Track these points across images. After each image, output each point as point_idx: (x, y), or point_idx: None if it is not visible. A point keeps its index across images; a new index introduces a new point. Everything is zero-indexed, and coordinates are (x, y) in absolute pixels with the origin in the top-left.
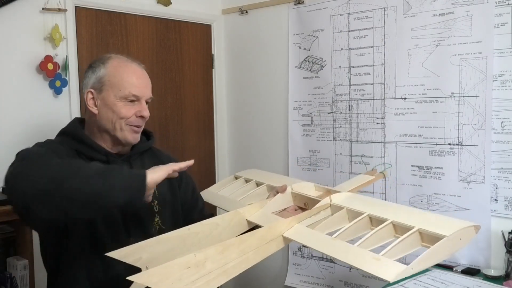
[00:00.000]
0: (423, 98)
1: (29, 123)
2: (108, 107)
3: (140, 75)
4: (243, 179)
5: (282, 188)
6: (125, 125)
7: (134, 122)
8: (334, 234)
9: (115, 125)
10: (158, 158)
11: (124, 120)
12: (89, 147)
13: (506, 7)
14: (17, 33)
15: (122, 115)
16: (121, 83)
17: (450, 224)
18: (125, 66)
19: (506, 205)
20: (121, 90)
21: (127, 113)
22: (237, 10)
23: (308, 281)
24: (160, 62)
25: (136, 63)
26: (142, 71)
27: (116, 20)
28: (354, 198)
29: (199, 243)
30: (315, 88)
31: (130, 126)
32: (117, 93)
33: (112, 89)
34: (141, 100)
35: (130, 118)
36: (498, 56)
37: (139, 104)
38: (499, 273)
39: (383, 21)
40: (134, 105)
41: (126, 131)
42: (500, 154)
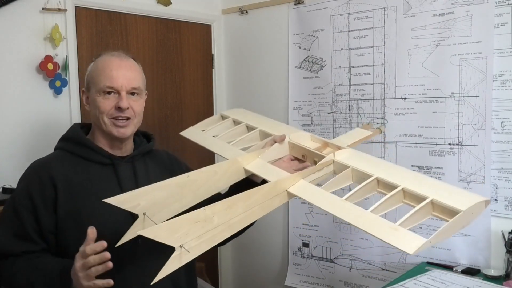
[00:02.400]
0: (423, 98)
1: (29, 123)
2: (93, 103)
3: (117, 66)
4: (231, 120)
5: (280, 138)
6: (107, 119)
7: (114, 114)
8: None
9: (100, 120)
10: (157, 158)
11: (105, 114)
12: (92, 151)
13: (506, 7)
14: (17, 33)
15: (101, 109)
16: (98, 77)
17: (462, 197)
18: (104, 60)
19: (506, 205)
20: (98, 85)
21: (105, 106)
22: (237, 10)
23: (308, 281)
24: (160, 62)
25: (118, 56)
26: (121, 62)
27: (116, 20)
28: (358, 157)
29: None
30: (315, 88)
31: (111, 120)
32: (96, 87)
33: (94, 85)
34: (120, 91)
35: (110, 111)
36: (498, 56)
37: (119, 96)
38: (499, 273)
39: (383, 21)
40: (114, 98)
41: (109, 125)
42: (500, 154)
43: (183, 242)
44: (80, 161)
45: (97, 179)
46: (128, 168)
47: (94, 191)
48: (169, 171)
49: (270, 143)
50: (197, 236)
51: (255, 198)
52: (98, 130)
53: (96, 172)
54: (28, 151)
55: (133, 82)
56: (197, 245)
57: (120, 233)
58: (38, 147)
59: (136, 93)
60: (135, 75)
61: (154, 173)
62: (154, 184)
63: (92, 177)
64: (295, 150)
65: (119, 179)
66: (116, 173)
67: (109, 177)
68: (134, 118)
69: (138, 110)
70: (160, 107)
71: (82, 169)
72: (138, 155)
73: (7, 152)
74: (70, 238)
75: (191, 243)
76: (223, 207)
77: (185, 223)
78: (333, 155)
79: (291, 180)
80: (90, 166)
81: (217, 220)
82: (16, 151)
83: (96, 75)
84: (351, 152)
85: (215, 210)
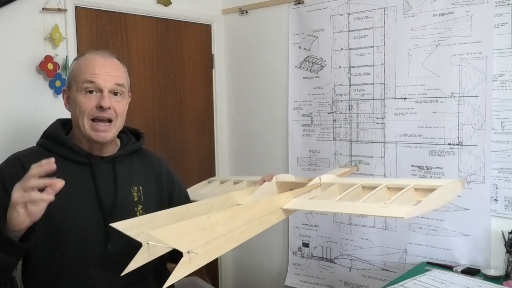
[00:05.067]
0: (423, 98)
1: (29, 123)
2: (73, 103)
3: (101, 64)
4: (219, 180)
5: (269, 177)
6: (87, 120)
7: (95, 114)
8: None
9: (79, 122)
10: (148, 159)
11: (86, 115)
12: (69, 150)
13: (506, 7)
14: (17, 33)
15: (82, 108)
16: (80, 74)
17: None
18: (87, 58)
19: (506, 205)
20: (79, 82)
21: (86, 106)
22: (237, 10)
23: (308, 281)
24: (160, 62)
25: (101, 55)
26: (105, 61)
27: (116, 20)
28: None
29: None
30: (315, 88)
31: (91, 123)
32: (77, 85)
33: (75, 83)
34: (103, 90)
35: (91, 110)
36: (498, 56)
37: (101, 95)
38: (499, 273)
39: (383, 21)
40: (95, 97)
41: (88, 128)
42: (500, 154)
43: (191, 248)
44: (58, 159)
45: (72, 178)
46: (107, 169)
47: (67, 190)
48: (156, 175)
49: (260, 183)
50: (203, 244)
51: (254, 211)
52: (78, 130)
53: (72, 171)
54: None
55: (116, 79)
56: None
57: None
58: None
59: (119, 93)
60: (119, 73)
61: (138, 174)
62: (157, 213)
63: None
64: (283, 188)
65: (95, 180)
66: (93, 173)
67: (85, 177)
68: (116, 120)
69: (121, 111)
70: (160, 107)
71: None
72: (121, 155)
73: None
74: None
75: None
76: (226, 216)
77: (191, 229)
78: (319, 178)
79: (284, 198)
80: (67, 165)
81: (220, 229)
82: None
83: (77, 73)
84: (335, 177)
85: (218, 218)
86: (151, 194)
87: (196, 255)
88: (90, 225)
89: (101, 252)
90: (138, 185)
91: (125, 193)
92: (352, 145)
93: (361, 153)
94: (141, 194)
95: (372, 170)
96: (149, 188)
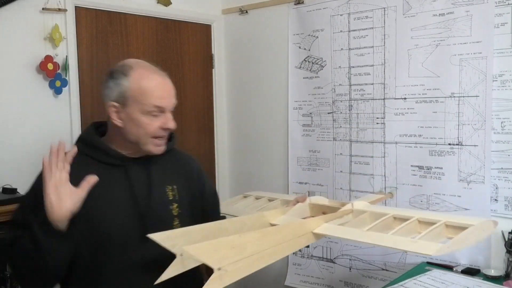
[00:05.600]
0: (423, 98)
1: (29, 123)
2: (133, 122)
3: (163, 86)
4: (253, 196)
5: (302, 198)
6: (149, 138)
7: (159, 133)
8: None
9: (140, 140)
10: (179, 158)
11: (150, 135)
12: (103, 153)
13: (506, 7)
14: (17, 33)
15: (149, 130)
16: (145, 97)
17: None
18: (147, 78)
19: (506, 205)
20: (145, 105)
21: (152, 128)
22: (237, 10)
23: (308, 281)
24: (160, 62)
25: (158, 73)
26: (164, 80)
27: (116, 20)
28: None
29: None
30: (315, 88)
31: (153, 139)
32: (141, 107)
33: (137, 104)
34: (165, 111)
35: (156, 131)
36: (498, 56)
37: (163, 115)
38: (499, 273)
39: (383, 21)
40: (159, 118)
41: (150, 144)
42: (500, 154)
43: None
44: (93, 162)
45: (108, 181)
46: (141, 169)
47: (105, 193)
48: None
49: (293, 203)
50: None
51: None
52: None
53: (107, 174)
54: (28, 151)
55: (174, 99)
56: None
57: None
58: (38, 147)
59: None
60: (174, 93)
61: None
62: (192, 227)
63: (103, 179)
64: (316, 210)
65: (130, 182)
66: (128, 176)
67: (120, 179)
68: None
69: None
70: None
71: (94, 170)
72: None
73: (7, 152)
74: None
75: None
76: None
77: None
78: (351, 205)
79: (315, 223)
80: (102, 168)
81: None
82: (16, 151)
83: (141, 95)
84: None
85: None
86: (185, 192)
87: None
88: (128, 225)
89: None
90: (172, 184)
91: (160, 193)
92: (352, 145)
93: (361, 153)
94: (175, 193)
95: (372, 170)
96: (183, 186)
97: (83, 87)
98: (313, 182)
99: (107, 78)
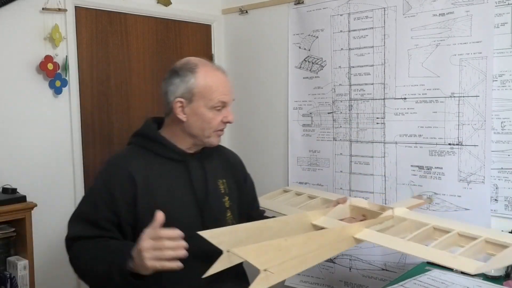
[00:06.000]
0: (423, 98)
1: (29, 123)
2: (198, 116)
3: (225, 82)
4: (294, 192)
5: (343, 200)
6: (213, 132)
7: (221, 127)
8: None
9: (205, 133)
10: (224, 153)
11: (214, 128)
12: (164, 147)
13: (506, 7)
14: (17, 33)
15: (213, 124)
16: (211, 93)
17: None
18: (212, 75)
19: (506, 205)
20: (211, 100)
21: (216, 122)
22: (237, 10)
23: (308, 281)
24: (160, 62)
25: (220, 70)
26: (225, 77)
27: (116, 20)
28: (414, 214)
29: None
30: (315, 88)
31: (216, 132)
32: (207, 103)
33: (203, 99)
34: (227, 105)
35: (218, 124)
36: (498, 56)
37: (225, 109)
38: (499, 273)
39: (383, 21)
40: (221, 112)
41: (213, 137)
42: (500, 154)
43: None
44: (154, 157)
45: (170, 175)
46: (197, 164)
47: (168, 187)
48: (232, 166)
49: (334, 204)
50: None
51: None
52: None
53: (169, 168)
54: (28, 151)
55: (233, 95)
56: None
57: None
58: (38, 147)
59: None
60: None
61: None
62: (238, 225)
63: (165, 173)
64: (355, 212)
65: (190, 176)
66: (188, 170)
67: (182, 174)
68: None
69: None
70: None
71: (156, 165)
72: (206, 152)
73: (7, 152)
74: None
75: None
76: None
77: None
78: (392, 211)
79: (356, 228)
80: (163, 162)
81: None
82: (16, 151)
83: (207, 91)
84: (407, 211)
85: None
86: (233, 185)
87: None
88: (190, 220)
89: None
90: (223, 178)
91: (214, 186)
92: (352, 145)
93: (361, 153)
94: (226, 187)
95: (372, 170)
96: (230, 180)
97: (83, 87)
98: (313, 182)
99: (171, 76)
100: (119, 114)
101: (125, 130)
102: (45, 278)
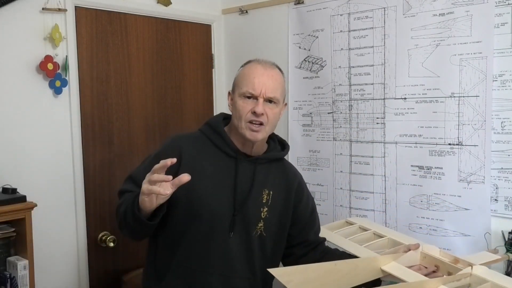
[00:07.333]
0: (423, 98)
1: (29, 123)
2: (234, 106)
3: (260, 74)
4: (358, 226)
5: (415, 246)
6: (245, 122)
7: (250, 117)
8: None
9: (238, 123)
10: (285, 169)
11: (243, 118)
12: (223, 141)
13: (506, 7)
14: (17, 33)
15: (240, 113)
16: (242, 81)
17: None
18: (250, 67)
19: (506, 205)
20: (241, 88)
21: (243, 109)
22: (237, 10)
23: None
24: (160, 62)
25: (263, 65)
26: (265, 71)
27: (116, 20)
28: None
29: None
30: (315, 88)
31: (248, 124)
32: (239, 91)
33: (237, 88)
34: (258, 98)
35: (247, 114)
36: (498, 56)
37: (256, 101)
38: None
39: (383, 21)
40: (252, 103)
41: (246, 129)
42: (500, 154)
43: None
44: (211, 146)
45: (218, 166)
46: (249, 167)
47: (211, 175)
48: (287, 184)
49: (404, 250)
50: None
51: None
52: (235, 128)
53: (219, 160)
54: (28, 151)
55: (270, 92)
56: None
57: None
58: (38, 147)
59: (273, 102)
60: (275, 85)
61: (273, 180)
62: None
63: (214, 163)
64: (427, 260)
65: (236, 174)
66: (236, 168)
67: (229, 168)
68: (266, 124)
69: (272, 118)
70: (160, 107)
71: (209, 153)
72: (264, 159)
73: (6, 152)
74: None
75: None
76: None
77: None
78: (471, 268)
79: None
80: (217, 153)
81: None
82: (16, 151)
83: (240, 80)
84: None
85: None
86: (279, 200)
87: None
88: (222, 211)
89: (225, 237)
90: (270, 189)
91: (257, 193)
92: (352, 145)
93: (361, 153)
94: (269, 198)
95: (372, 170)
96: (279, 194)
97: (83, 87)
98: (313, 182)
99: None
100: (119, 114)
101: (125, 130)
102: (45, 278)
